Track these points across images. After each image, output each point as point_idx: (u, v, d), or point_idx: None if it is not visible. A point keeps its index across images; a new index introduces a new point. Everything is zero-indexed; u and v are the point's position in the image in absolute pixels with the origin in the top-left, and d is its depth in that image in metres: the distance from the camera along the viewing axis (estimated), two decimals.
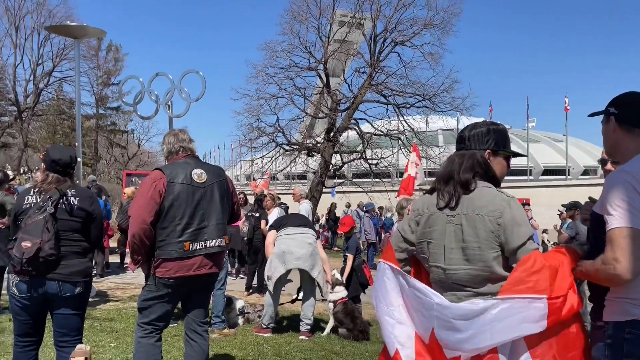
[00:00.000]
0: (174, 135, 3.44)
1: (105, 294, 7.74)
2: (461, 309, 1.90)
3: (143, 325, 3.20)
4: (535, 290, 1.80)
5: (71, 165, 3.20)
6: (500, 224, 1.92)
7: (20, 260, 2.81)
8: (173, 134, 3.47)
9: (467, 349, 1.89)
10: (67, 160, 3.15)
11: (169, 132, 3.56)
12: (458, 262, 1.99)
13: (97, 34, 12.29)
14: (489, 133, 2.15)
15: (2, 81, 30.86)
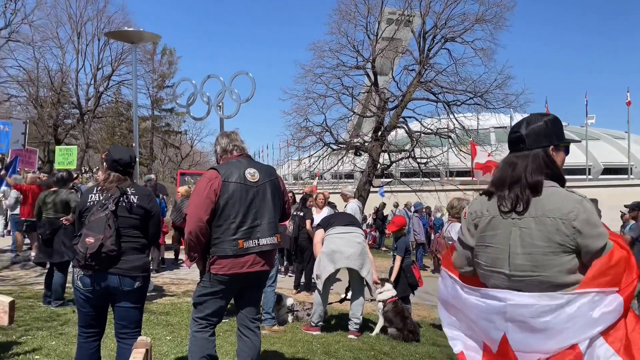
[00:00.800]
0: (227, 136, 3.54)
1: (161, 288, 8.03)
2: (540, 305, 1.80)
3: (198, 320, 3.30)
4: (614, 282, 1.76)
5: (131, 164, 3.33)
6: (575, 226, 1.82)
7: (84, 255, 2.94)
8: (226, 135, 3.57)
9: (548, 349, 1.79)
10: (127, 160, 3.29)
11: (222, 134, 3.65)
12: (525, 267, 1.88)
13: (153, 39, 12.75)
14: (547, 126, 2.02)
15: (66, 85, 32.63)
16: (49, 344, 4.54)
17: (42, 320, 5.40)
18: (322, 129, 19.91)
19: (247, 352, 3.38)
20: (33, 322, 5.28)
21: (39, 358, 4.13)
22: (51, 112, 30.63)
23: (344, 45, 19.47)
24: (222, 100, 12.13)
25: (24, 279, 8.09)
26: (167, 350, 4.58)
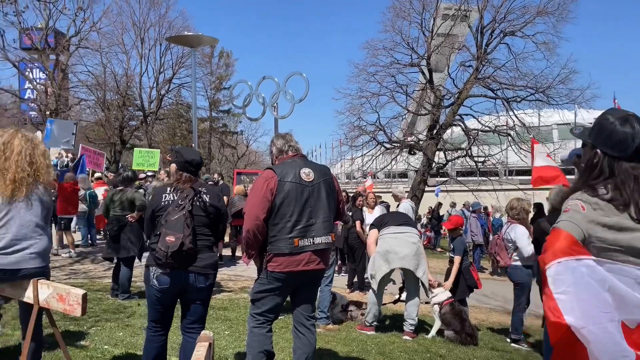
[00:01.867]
0: (283, 137, 3.62)
1: (219, 284, 8.28)
2: None
3: (255, 316, 3.39)
4: None
5: (201, 165, 3.47)
6: None
7: (166, 253, 3.05)
8: (281, 136, 3.66)
9: None
10: (198, 161, 3.43)
11: (277, 135, 3.74)
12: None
13: (210, 42, 13.16)
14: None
15: (130, 89, 34.26)
16: (116, 335, 4.79)
17: (110, 312, 5.72)
18: (375, 127, 19.80)
19: (303, 349, 3.43)
20: (102, 314, 5.59)
21: (107, 348, 4.37)
22: (117, 115, 32.28)
23: (398, 43, 19.27)
24: (277, 101, 12.36)
25: (93, 273, 8.59)
26: (225, 345, 4.72)
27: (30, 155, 3.08)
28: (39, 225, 3.11)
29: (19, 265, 2.98)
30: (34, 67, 29.81)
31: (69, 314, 2.99)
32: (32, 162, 3.07)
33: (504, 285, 8.59)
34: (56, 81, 28.09)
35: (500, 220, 14.83)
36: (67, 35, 28.86)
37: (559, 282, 1.89)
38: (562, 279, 1.88)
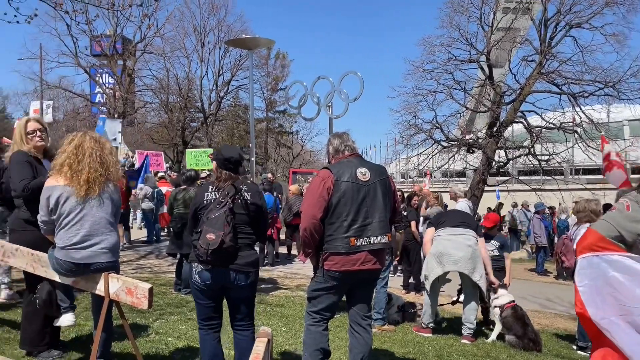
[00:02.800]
0: (339, 137, 3.62)
1: (275, 281, 8.43)
2: None
3: (312, 314, 3.42)
4: None
5: (240, 162, 3.45)
6: None
7: (206, 250, 3.10)
8: (338, 135, 3.66)
9: None
10: (237, 158, 3.41)
11: (334, 134, 3.73)
12: None
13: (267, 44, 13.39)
14: None
15: (192, 91, 35.58)
16: (179, 328, 4.99)
17: (174, 306, 5.96)
18: (432, 125, 19.37)
19: (359, 349, 3.42)
20: (166, 307, 5.84)
21: (171, 340, 4.56)
22: (179, 117, 33.62)
23: (456, 39, 18.75)
24: (332, 101, 12.39)
25: (157, 268, 8.99)
26: (282, 341, 4.80)
27: (100, 156, 3.27)
28: (110, 222, 3.30)
29: (92, 260, 3.17)
30: (103, 72, 31.58)
31: (137, 307, 3.15)
32: (102, 161, 3.27)
33: (569, 289, 8.17)
34: (123, 85, 29.65)
35: (566, 221, 14.09)
36: (134, 41, 30.39)
37: (582, 276, 2.07)
38: (585, 272, 2.05)
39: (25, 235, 3.57)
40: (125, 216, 11.39)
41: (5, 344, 3.87)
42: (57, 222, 3.19)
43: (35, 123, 3.74)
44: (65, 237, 3.15)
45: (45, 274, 3.34)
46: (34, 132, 3.68)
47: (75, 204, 3.16)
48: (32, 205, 3.46)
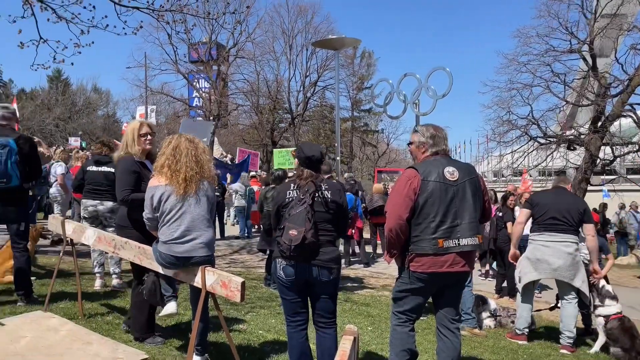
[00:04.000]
0: (434, 129, 3.49)
1: (361, 280, 8.45)
2: None
3: (397, 314, 3.38)
4: None
5: (321, 160, 3.46)
6: None
7: (289, 246, 3.17)
8: (433, 127, 3.52)
9: None
10: (318, 157, 3.42)
11: (428, 125, 3.61)
12: None
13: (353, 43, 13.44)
14: None
15: (280, 93, 36.74)
16: (269, 322, 5.18)
17: (264, 300, 6.19)
18: (527, 121, 18.25)
19: (447, 353, 3.33)
20: (257, 301, 6.09)
21: (261, 332, 4.74)
22: (268, 118, 34.87)
23: (554, 29, 17.50)
24: (418, 98, 12.16)
25: (249, 263, 9.40)
26: (368, 340, 4.80)
27: (194, 155, 3.50)
28: (206, 219, 3.52)
29: (190, 254, 3.40)
30: (200, 77, 33.56)
31: (230, 299, 3.31)
32: (197, 160, 3.49)
33: None
34: (218, 89, 31.29)
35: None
36: (227, 47, 31.96)
37: None
38: None
39: (132, 232, 3.91)
40: (220, 212, 12.05)
41: (116, 328, 4.25)
42: (159, 219, 3.46)
43: (147, 127, 4.10)
44: (167, 233, 3.41)
45: (150, 266, 3.63)
46: (146, 136, 4.04)
47: (175, 202, 3.41)
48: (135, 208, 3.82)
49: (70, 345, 3.48)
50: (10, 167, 4.43)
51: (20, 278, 4.70)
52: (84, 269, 6.37)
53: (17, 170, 4.48)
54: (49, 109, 38.47)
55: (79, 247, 4.76)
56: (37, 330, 3.67)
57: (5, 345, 3.35)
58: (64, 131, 36.93)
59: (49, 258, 7.18)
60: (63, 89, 43.27)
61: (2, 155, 4.38)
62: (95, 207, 5.73)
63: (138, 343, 3.90)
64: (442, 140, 3.41)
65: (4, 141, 4.42)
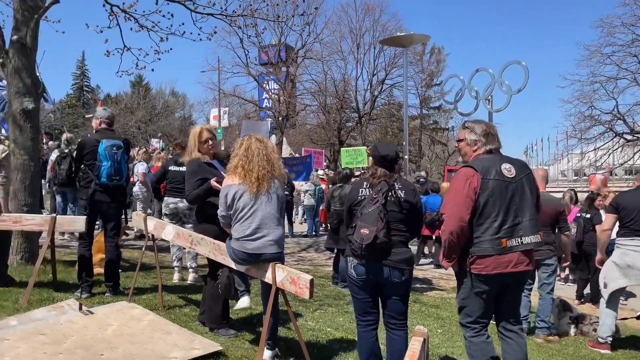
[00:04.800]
0: (486, 125, 3.37)
1: (430, 282, 8.29)
2: None
3: (469, 325, 3.21)
4: None
5: (396, 160, 3.43)
6: None
7: (360, 245, 3.17)
8: (485, 123, 3.41)
9: None
10: (393, 156, 3.40)
11: (476, 121, 3.50)
12: None
13: (422, 40, 13.23)
14: None
15: (347, 92, 36.84)
16: (337, 320, 5.22)
17: (332, 298, 6.25)
18: (612, 116, 17.13)
19: (514, 355, 3.19)
20: (325, 299, 6.16)
21: (329, 330, 4.79)
22: (335, 117, 35.07)
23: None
24: (491, 94, 11.74)
25: (317, 261, 9.51)
26: (438, 343, 4.70)
27: (265, 154, 3.61)
28: (276, 217, 3.62)
29: (261, 251, 3.51)
30: (269, 79, 34.43)
31: (299, 296, 3.39)
32: (268, 159, 3.61)
33: None
34: (286, 90, 31.95)
35: None
36: (295, 48, 32.54)
37: None
38: None
39: (207, 227, 4.13)
40: (289, 211, 12.30)
41: (192, 320, 4.48)
42: (233, 216, 3.60)
43: (207, 132, 4.34)
44: (240, 230, 3.55)
45: (224, 262, 3.79)
46: (207, 142, 4.29)
47: (247, 200, 3.54)
48: (204, 205, 4.14)
49: (152, 335, 3.72)
50: (123, 166, 4.92)
51: (111, 271, 5.08)
52: (164, 263, 6.74)
53: (126, 170, 4.95)
54: (131, 113, 41.19)
55: (159, 242, 5.05)
56: (122, 319, 3.94)
57: (95, 332, 3.63)
58: (145, 133, 39.36)
59: (132, 252, 7.68)
60: (144, 93, 46.14)
61: (118, 155, 4.86)
62: (176, 205, 6.07)
63: (213, 335, 4.08)
64: (495, 137, 3.27)
65: (118, 143, 4.90)
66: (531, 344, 5.13)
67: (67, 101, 52.31)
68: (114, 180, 4.86)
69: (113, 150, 4.83)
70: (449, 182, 13.06)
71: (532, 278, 5.52)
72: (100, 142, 4.83)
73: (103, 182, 4.83)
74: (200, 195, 4.09)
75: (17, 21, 5.68)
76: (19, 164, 5.64)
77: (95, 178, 4.85)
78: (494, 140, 3.26)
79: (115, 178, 4.85)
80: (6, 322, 3.82)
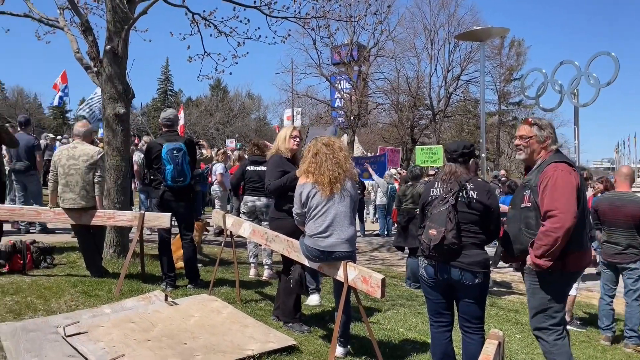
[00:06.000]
0: (552, 126, 3.35)
1: (509, 285, 7.95)
2: None
3: (552, 328, 3.06)
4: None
5: (463, 155, 3.32)
6: None
7: (428, 245, 3.15)
8: (550, 124, 3.38)
9: None
10: (460, 152, 3.32)
11: (544, 120, 3.37)
12: None
13: (500, 33, 12.67)
14: None
15: (420, 90, 36.14)
16: (410, 320, 5.17)
17: (404, 299, 6.19)
18: None
19: None
20: (397, 299, 6.11)
21: (402, 330, 4.76)
22: (408, 115, 34.54)
23: None
24: (577, 87, 11.01)
25: (389, 261, 9.45)
26: (517, 349, 4.52)
27: (333, 157, 3.67)
28: (348, 216, 3.66)
29: (333, 248, 3.57)
30: (341, 79, 34.60)
31: (370, 295, 3.40)
32: (337, 161, 3.66)
33: None
34: (358, 89, 31.94)
35: None
36: (367, 47, 32.44)
37: None
38: None
39: (282, 223, 4.30)
40: (360, 209, 12.31)
41: (267, 314, 4.63)
42: (307, 214, 3.69)
43: (297, 131, 4.65)
44: (313, 227, 3.63)
45: (297, 258, 3.89)
46: (295, 138, 4.54)
47: (321, 199, 3.62)
48: (282, 199, 4.34)
49: (230, 327, 3.90)
50: (185, 168, 5.14)
51: (189, 266, 5.38)
52: (241, 259, 7.02)
53: (189, 170, 5.19)
54: (210, 115, 43.15)
55: (236, 238, 5.27)
56: (203, 310, 4.17)
57: (179, 322, 3.87)
58: (223, 134, 41.04)
59: (212, 248, 8.06)
60: (222, 96, 48.12)
61: (179, 158, 5.11)
62: (254, 203, 6.32)
63: (287, 329, 4.20)
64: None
65: (178, 146, 5.14)
66: (620, 354, 4.79)
67: (153, 105, 55.78)
68: (178, 182, 5.13)
69: (174, 153, 5.08)
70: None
71: (614, 283, 5.20)
72: (163, 146, 5.12)
73: (169, 184, 5.14)
74: (283, 185, 4.25)
75: (110, 32, 6.16)
76: (112, 165, 6.12)
77: (163, 180, 5.17)
78: (557, 138, 3.31)
79: (178, 180, 5.13)
80: (101, 309, 4.17)
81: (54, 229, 8.00)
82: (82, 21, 6.35)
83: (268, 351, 3.51)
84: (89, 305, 4.31)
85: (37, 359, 3.18)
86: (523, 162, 3.37)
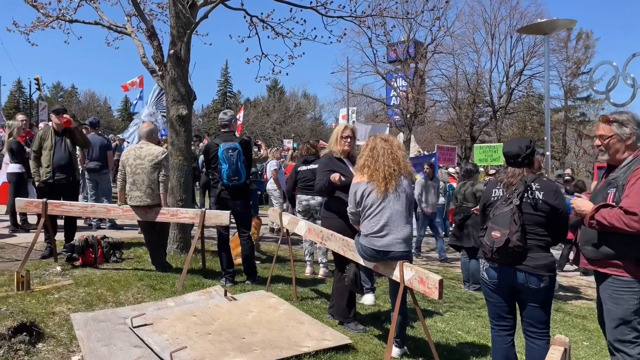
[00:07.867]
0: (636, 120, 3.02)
1: (577, 289, 7.56)
2: None
3: (637, 341, 2.81)
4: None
5: (519, 155, 3.16)
6: None
7: (491, 248, 3.04)
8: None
9: None
10: (515, 152, 3.16)
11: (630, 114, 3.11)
12: None
13: (567, 25, 12.06)
14: None
15: (480, 86, 35.05)
16: (468, 323, 5.03)
17: (463, 301, 6.03)
18: None
19: None
20: (455, 301, 5.97)
21: (460, 333, 4.64)
22: (467, 112, 33.59)
23: None
24: None
25: (446, 262, 9.23)
26: (584, 356, 4.30)
27: (391, 153, 3.63)
28: (404, 215, 3.62)
29: (389, 248, 3.54)
30: (397, 76, 34.17)
31: (427, 296, 3.34)
32: (394, 158, 3.63)
33: None
34: (415, 87, 31.43)
35: None
36: (425, 43, 31.85)
37: None
38: None
39: (331, 222, 4.35)
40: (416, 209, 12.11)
41: (323, 312, 4.66)
42: (362, 213, 3.68)
43: (349, 131, 4.54)
44: (368, 226, 3.62)
45: (353, 257, 3.90)
46: (346, 138, 4.46)
47: (376, 197, 3.60)
48: (331, 199, 4.38)
49: (287, 323, 3.96)
50: (240, 167, 5.26)
51: (247, 263, 5.53)
52: (297, 257, 7.11)
53: (244, 169, 5.31)
54: (267, 115, 44.01)
55: (293, 236, 5.34)
56: (260, 306, 4.27)
57: (238, 317, 3.98)
58: (279, 134, 41.72)
59: (269, 245, 8.22)
60: (279, 96, 48.92)
61: (234, 157, 5.24)
62: (308, 202, 6.40)
63: (342, 328, 4.21)
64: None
65: (234, 145, 5.28)
66: None
67: (213, 106, 57.66)
68: (234, 181, 5.27)
69: (229, 152, 5.22)
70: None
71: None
72: (219, 146, 5.27)
73: (225, 183, 5.28)
74: (325, 186, 4.28)
75: (173, 36, 6.43)
76: (176, 164, 6.38)
77: (219, 179, 5.32)
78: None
79: (234, 178, 5.26)
80: (165, 303, 4.37)
81: (123, 225, 8.45)
82: (147, 27, 6.66)
83: (324, 349, 3.54)
84: (154, 298, 4.53)
85: (107, 347, 3.38)
86: (607, 162, 3.09)
